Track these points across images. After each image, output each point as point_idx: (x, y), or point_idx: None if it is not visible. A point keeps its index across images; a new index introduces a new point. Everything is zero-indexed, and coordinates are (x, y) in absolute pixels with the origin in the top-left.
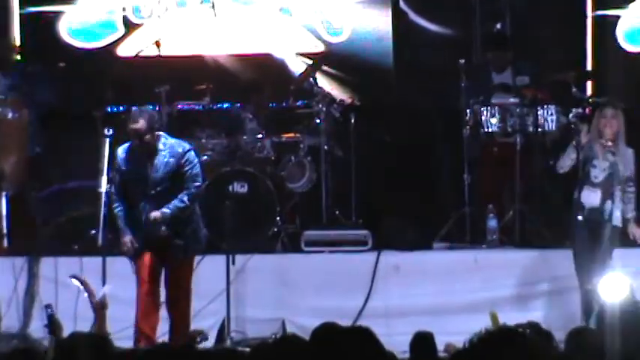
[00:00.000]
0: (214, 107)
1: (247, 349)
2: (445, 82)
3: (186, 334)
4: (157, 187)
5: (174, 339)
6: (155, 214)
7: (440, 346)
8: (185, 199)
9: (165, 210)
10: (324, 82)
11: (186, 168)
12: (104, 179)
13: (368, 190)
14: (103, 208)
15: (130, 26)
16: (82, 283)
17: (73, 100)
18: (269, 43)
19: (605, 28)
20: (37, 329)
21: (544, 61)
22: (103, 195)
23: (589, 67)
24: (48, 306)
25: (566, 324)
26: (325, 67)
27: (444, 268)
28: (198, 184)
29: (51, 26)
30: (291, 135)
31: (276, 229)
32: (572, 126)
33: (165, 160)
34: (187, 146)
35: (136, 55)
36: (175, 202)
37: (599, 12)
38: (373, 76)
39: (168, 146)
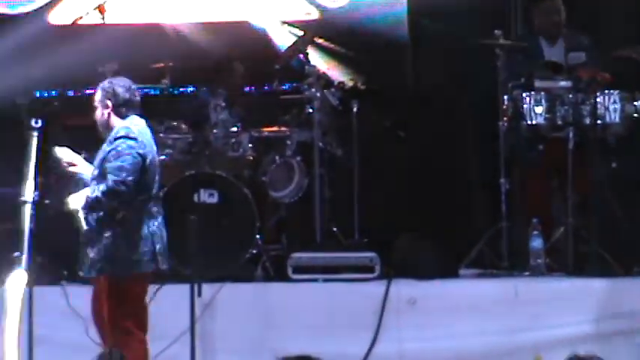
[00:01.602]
0: (175, 92)
1: None
2: (476, 60)
3: None
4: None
5: None
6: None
7: None
8: (100, 188)
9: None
10: (318, 60)
11: (110, 158)
12: (30, 185)
13: (375, 200)
14: (28, 223)
15: None
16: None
17: None
18: (246, 7)
19: None
20: None
21: (604, 34)
22: (29, 205)
23: None
24: None
25: None
26: (320, 40)
27: (474, 301)
28: (117, 178)
29: None
30: (276, 128)
31: (255, 251)
32: None
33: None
34: (123, 132)
35: (74, 24)
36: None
37: None
38: (382, 52)
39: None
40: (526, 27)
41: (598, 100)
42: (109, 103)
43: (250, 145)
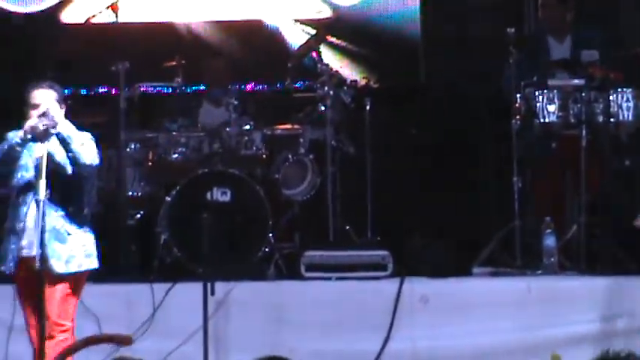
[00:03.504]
0: (188, 90)
1: None
2: (488, 58)
3: None
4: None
5: None
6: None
7: None
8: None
9: None
10: (330, 58)
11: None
12: (42, 183)
13: (388, 198)
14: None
15: None
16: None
17: (0, 80)
18: (259, 6)
19: None
20: None
21: (617, 30)
22: (41, 204)
23: None
24: None
25: None
26: (332, 39)
27: (487, 300)
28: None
29: None
30: (288, 126)
31: (268, 250)
32: None
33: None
34: (88, 135)
35: (86, 22)
36: None
37: None
38: (395, 50)
39: None
40: (538, 24)
41: (611, 98)
42: (64, 104)
43: (263, 144)
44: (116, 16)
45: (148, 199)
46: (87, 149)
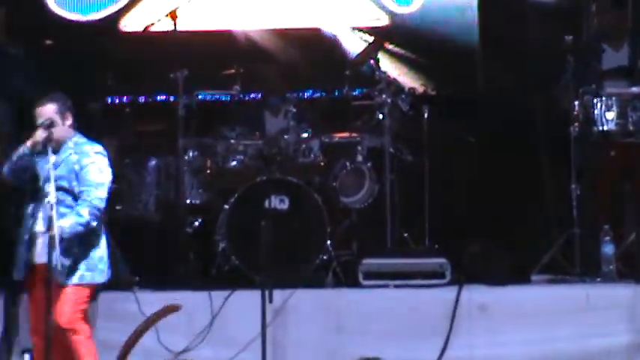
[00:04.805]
0: (246, 98)
1: None
2: (547, 66)
3: None
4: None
5: None
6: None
7: None
8: (84, 212)
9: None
10: (388, 66)
11: (89, 171)
12: (52, 187)
13: (446, 206)
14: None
15: None
16: None
17: (61, 88)
18: (317, 14)
19: None
20: None
21: None
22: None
23: None
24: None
25: None
26: (390, 46)
27: (545, 307)
28: (101, 195)
29: None
30: (346, 134)
31: (326, 257)
32: None
33: (69, 156)
34: (99, 147)
35: (145, 31)
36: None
37: None
38: (453, 58)
39: (78, 144)
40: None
41: None
42: (69, 115)
43: (321, 151)
44: (175, 25)
45: (206, 206)
46: (85, 223)
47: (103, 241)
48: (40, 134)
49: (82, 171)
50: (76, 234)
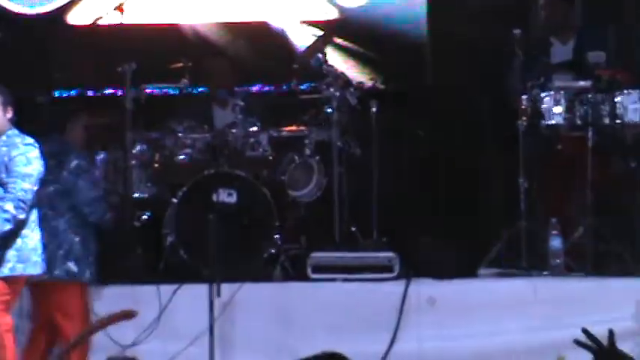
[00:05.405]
0: (194, 92)
1: None
2: (495, 60)
3: None
4: None
5: None
6: None
7: None
8: (8, 206)
9: None
10: (336, 59)
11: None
12: None
13: (394, 199)
14: None
15: None
16: None
17: (7, 81)
18: (265, 8)
19: None
20: None
21: (623, 30)
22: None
23: None
24: None
25: None
26: (339, 40)
27: (493, 301)
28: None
29: None
30: (294, 128)
31: (274, 251)
32: None
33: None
34: (30, 139)
35: (93, 24)
36: None
37: None
38: (401, 52)
39: (9, 136)
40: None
41: (618, 99)
42: (10, 108)
43: (269, 145)
44: (122, 18)
45: (154, 200)
46: (9, 211)
47: (36, 232)
48: None
49: (10, 162)
50: (5, 232)
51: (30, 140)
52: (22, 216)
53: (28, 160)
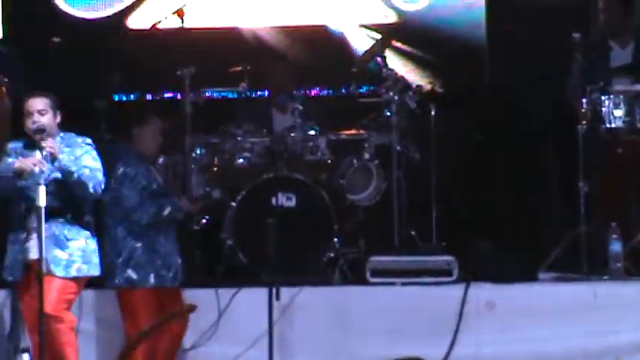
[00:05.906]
0: (253, 95)
1: None
2: (554, 63)
3: None
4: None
5: None
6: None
7: None
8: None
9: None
10: (395, 63)
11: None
12: (42, 190)
13: (453, 204)
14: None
15: None
16: None
17: (68, 85)
18: (324, 11)
19: None
20: None
21: None
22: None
23: None
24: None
25: None
26: (398, 44)
27: (552, 305)
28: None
29: None
30: (353, 132)
31: (333, 255)
32: None
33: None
34: (88, 139)
35: (152, 28)
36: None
37: None
38: (460, 55)
39: (65, 138)
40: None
41: None
42: (59, 112)
43: (328, 149)
44: (182, 22)
45: (213, 204)
46: (87, 180)
47: (95, 236)
48: (29, 165)
49: (76, 161)
50: (90, 190)
51: (88, 140)
52: (90, 184)
53: (93, 157)
